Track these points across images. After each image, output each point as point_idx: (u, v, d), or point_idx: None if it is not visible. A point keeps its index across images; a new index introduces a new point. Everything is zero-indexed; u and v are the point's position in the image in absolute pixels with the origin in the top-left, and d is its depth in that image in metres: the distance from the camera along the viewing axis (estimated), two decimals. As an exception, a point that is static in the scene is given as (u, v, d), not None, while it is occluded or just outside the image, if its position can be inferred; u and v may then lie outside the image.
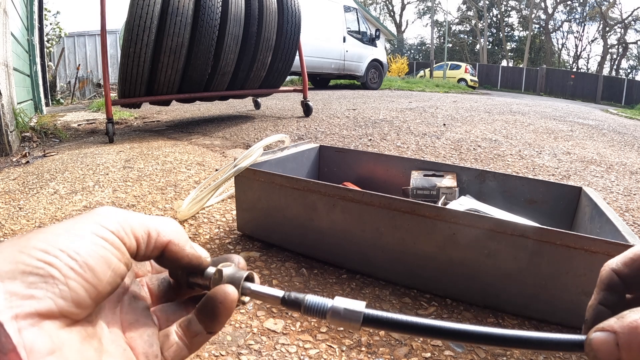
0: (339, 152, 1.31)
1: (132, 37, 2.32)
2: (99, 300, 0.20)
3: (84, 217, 0.21)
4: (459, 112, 3.71)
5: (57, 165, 1.84)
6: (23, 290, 0.17)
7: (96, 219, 0.21)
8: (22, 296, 0.17)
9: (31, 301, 0.17)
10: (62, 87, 7.55)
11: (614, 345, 0.20)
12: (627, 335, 0.20)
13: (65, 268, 0.18)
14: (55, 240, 0.19)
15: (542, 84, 19.97)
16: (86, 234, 0.20)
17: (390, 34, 18.96)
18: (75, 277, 0.18)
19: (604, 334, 0.21)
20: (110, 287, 0.20)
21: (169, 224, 0.24)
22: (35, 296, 0.17)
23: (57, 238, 0.19)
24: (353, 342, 0.68)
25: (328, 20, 7.70)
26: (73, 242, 0.19)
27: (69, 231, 0.20)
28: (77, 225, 0.20)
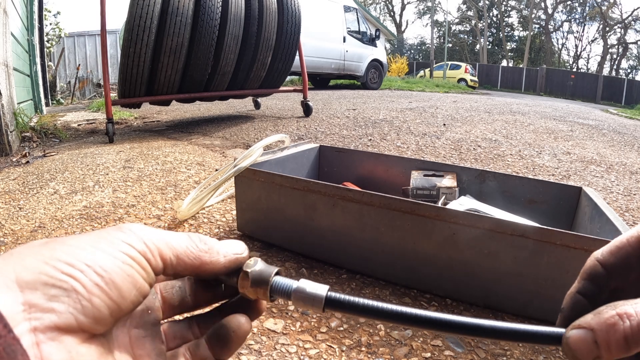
0: (339, 152, 1.31)
1: (132, 37, 2.32)
2: (118, 318, 0.19)
3: (111, 232, 0.20)
4: (459, 112, 3.72)
5: (57, 165, 1.84)
6: (44, 303, 0.16)
7: (123, 236, 0.20)
8: (43, 309, 0.16)
9: (51, 315, 0.16)
10: (62, 87, 7.55)
11: (592, 344, 0.19)
12: (605, 333, 0.19)
13: (90, 284, 0.18)
14: (82, 254, 0.18)
15: (542, 84, 19.97)
16: (113, 251, 0.19)
17: (390, 34, 18.96)
18: (100, 294, 0.18)
19: (581, 332, 0.20)
20: (132, 305, 0.20)
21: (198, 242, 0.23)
22: (55, 310, 0.17)
23: (83, 252, 0.19)
24: (353, 342, 0.68)
25: (328, 20, 7.70)
26: (100, 258, 0.19)
27: (96, 246, 0.19)
28: (103, 241, 0.20)
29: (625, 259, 0.23)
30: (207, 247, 0.23)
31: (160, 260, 0.21)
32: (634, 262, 0.23)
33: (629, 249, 0.23)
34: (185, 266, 0.22)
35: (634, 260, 0.23)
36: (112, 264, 0.19)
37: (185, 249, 0.22)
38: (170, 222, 1.16)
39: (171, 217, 1.20)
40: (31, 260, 0.17)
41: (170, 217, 1.19)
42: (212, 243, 0.24)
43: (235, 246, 0.25)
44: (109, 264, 0.19)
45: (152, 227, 0.22)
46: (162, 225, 1.14)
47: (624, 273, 0.23)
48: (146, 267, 0.20)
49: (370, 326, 0.72)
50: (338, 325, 0.73)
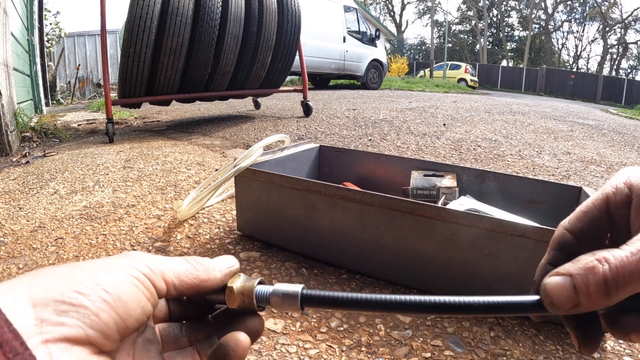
0: (339, 152, 1.31)
1: (132, 37, 2.32)
2: (125, 335, 0.20)
3: (118, 258, 0.23)
4: (459, 112, 3.71)
5: (57, 165, 1.84)
6: (54, 317, 0.18)
7: (130, 261, 0.22)
8: (53, 322, 0.18)
9: (61, 328, 0.18)
10: (62, 87, 7.55)
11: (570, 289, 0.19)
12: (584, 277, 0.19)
13: (98, 300, 0.19)
14: (91, 275, 0.20)
15: (542, 84, 19.97)
16: (120, 273, 0.21)
17: (390, 34, 18.96)
18: (107, 309, 0.19)
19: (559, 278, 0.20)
20: (137, 323, 0.21)
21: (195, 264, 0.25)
22: (65, 323, 0.18)
23: (92, 273, 0.20)
24: (353, 342, 0.68)
25: (328, 20, 7.70)
26: (108, 278, 0.20)
27: (104, 269, 0.21)
28: (112, 265, 0.22)
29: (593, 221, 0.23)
30: (203, 267, 0.25)
31: (164, 282, 0.23)
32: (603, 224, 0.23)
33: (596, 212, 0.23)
34: (187, 286, 0.24)
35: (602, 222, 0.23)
36: (119, 284, 0.20)
37: (184, 270, 0.24)
38: (170, 222, 1.16)
39: (171, 217, 1.20)
40: (43, 280, 0.19)
41: (170, 217, 1.19)
42: (207, 262, 0.26)
43: (227, 261, 0.27)
44: (116, 284, 0.20)
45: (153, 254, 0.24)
46: (162, 225, 1.14)
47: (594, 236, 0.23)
48: (150, 288, 0.22)
49: (370, 326, 0.72)
50: (338, 325, 0.73)
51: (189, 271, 0.24)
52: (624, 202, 0.22)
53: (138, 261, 0.23)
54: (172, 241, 1.04)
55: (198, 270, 0.25)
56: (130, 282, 0.21)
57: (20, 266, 0.92)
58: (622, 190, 0.22)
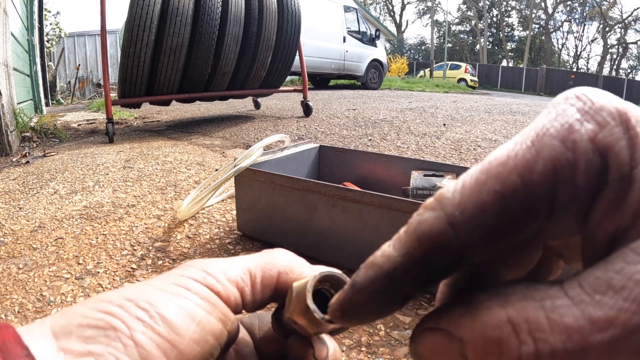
0: (339, 152, 1.31)
1: (132, 37, 2.32)
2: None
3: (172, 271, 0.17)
4: (459, 112, 3.72)
5: (57, 165, 1.84)
6: (79, 347, 0.14)
7: (180, 271, 0.17)
8: (78, 353, 0.14)
9: (89, 358, 0.14)
10: (62, 87, 7.56)
11: None
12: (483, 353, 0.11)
13: (130, 319, 0.15)
14: (124, 291, 0.16)
15: (542, 84, 19.97)
16: (163, 284, 0.16)
17: (390, 34, 18.96)
18: (144, 329, 0.15)
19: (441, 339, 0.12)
20: (198, 347, 0.15)
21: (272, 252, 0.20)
22: (93, 352, 0.14)
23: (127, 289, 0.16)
24: (353, 342, 0.68)
25: (328, 20, 7.70)
26: (145, 291, 0.16)
27: (140, 285, 0.16)
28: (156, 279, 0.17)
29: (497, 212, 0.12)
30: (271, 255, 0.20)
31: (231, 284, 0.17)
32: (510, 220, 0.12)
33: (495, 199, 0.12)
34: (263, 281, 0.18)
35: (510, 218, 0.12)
36: (158, 297, 0.16)
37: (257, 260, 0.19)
38: (170, 222, 1.16)
39: (171, 217, 1.20)
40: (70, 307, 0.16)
41: (170, 217, 1.19)
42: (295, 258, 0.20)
43: None
44: (154, 298, 0.16)
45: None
46: (162, 225, 1.14)
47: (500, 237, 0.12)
48: (208, 297, 0.16)
49: (370, 326, 0.72)
50: (338, 325, 0.73)
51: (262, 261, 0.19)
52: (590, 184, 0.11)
53: (191, 268, 0.17)
54: (172, 241, 1.04)
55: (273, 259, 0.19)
56: (174, 292, 0.16)
57: (20, 266, 0.92)
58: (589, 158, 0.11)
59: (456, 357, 0.12)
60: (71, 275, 0.88)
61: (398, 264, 0.13)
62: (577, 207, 0.12)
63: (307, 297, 0.16)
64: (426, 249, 0.12)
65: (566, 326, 0.10)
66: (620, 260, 0.10)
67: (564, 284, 0.11)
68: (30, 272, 0.90)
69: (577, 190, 0.11)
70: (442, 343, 0.12)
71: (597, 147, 0.11)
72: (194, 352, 0.15)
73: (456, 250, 0.12)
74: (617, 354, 0.10)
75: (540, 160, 0.11)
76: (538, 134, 0.12)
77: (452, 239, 0.12)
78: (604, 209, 0.11)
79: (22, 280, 0.86)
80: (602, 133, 0.11)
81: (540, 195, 0.11)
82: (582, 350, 0.10)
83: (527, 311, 0.11)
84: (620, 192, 0.11)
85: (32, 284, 0.85)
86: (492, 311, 0.11)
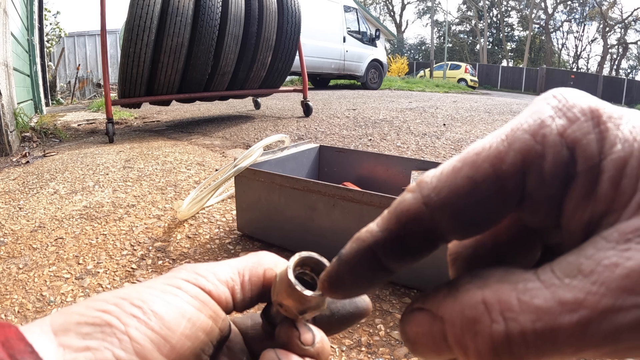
0: (339, 152, 1.31)
1: (132, 37, 2.32)
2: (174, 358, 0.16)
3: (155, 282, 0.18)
4: (459, 112, 3.71)
5: (57, 165, 1.84)
6: (77, 342, 0.15)
7: (172, 273, 0.18)
8: (77, 348, 0.15)
9: (86, 353, 0.15)
10: (62, 87, 7.56)
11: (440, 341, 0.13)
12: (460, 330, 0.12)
13: (125, 316, 0.16)
14: (119, 292, 0.17)
15: (542, 84, 19.96)
16: (156, 283, 0.18)
17: (390, 34, 18.97)
18: (138, 325, 0.16)
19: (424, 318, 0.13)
20: (190, 342, 0.16)
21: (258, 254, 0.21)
22: (90, 347, 0.15)
23: (122, 290, 0.17)
24: (353, 342, 0.68)
25: (328, 20, 7.70)
26: (138, 290, 0.17)
27: (134, 286, 0.17)
28: (150, 281, 0.18)
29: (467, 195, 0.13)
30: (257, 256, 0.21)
31: (221, 284, 0.18)
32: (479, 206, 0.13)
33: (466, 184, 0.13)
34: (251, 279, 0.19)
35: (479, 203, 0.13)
36: (151, 296, 0.17)
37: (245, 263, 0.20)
38: (170, 222, 1.16)
39: (171, 217, 1.20)
40: (68, 307, 0.17)
41: (170, 217, 1.19)
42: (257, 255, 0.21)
43: None
44: (147, 296, 0.17)
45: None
46: (162, 225, 1.14)
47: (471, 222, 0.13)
48: (197, 295, 0.17)
49: (370, 326, 0.72)
50: (338, 325, 0.73)
51: (249, 262, 0.20)
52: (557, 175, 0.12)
53: (181, 270, 0.18)
54: (172, 241, 1.04)
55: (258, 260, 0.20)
56: (166, 291, 0.17)
57: (20, 266, 0.92)
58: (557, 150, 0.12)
59: (438, 336, 0.12)
60: (71, 275, 0.89)
61: (379, 238, 0.14)
62: (547, 195, 0.12)
63: (288, 273, 0.18)
64: (403, 225, 0.13)
65: (536, 307, 0.11)
66: (591, 247, 0.11)
67: (537, 269, 0.12)
68: (30, 272, 0.90)
69: (545, 179, 0.12)
70: (426, 323, 0.13)
71: (566, 141, 0.12)
72: (185, 347, 0.16)
73: (429, 227, 0.13)
74: (587, 338, 0.10)
75: (511, 152, 0.12)
76: (513, 128, 0.13)
77: (425, 216, 0.13)
78: (576, 199, 0.12)
79: (22, 280, 0.87)
80: (571, 128, 0.12)
81: (509, 182, 0.12)
82: (551, 331, 0.10)
83: (500, 292, 0.11)
84: (590, 182, 0.12)
85: (32, 284, 0.85)
86: (469, 292, 0.12)
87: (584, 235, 0.12)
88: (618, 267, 0.10)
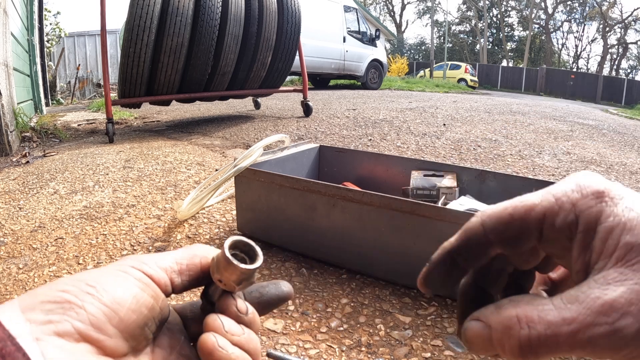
0: (339, 152, 1.31)
1: (132, 37, 2.32)
2: (125, 331, 0.20)
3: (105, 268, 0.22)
4: (459, 112, 3.71)
5: (57, 165, 1.84)
6: (42, 317, 0.18)
7: (121, 261, 0.22)
8: (41, 322, 0.18)
9: (50, 325, 0.18)
10: (62, 87, 7.56)
11: (487, 341, 0.18)
12: (500, 334, 0.18)
13: (81, 294, 0.19)
14: (77, 275, 0.21)
15: (542, 84, 19.97)
16: (107, 269, 0.21)
17: (390, 34, 18.97)
18: (92, 300, 0.19)
19: (478, 326, 0.19)
20: (135, 315, 0.20)
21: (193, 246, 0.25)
22: (53, 321, 0.18)
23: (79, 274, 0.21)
24: (353, 342, 0.68)
25: (328, 20, 7.70)
26: (93, 274, 0.21)
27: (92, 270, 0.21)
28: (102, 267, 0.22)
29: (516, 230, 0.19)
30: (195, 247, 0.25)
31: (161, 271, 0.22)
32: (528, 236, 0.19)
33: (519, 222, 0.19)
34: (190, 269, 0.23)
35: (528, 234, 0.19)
36: (104, 277, 0.20)
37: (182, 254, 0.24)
38: (170, 222, 1.16)
39: (171, 217, 1.20)
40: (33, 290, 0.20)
41: (170, 217, 1.19)
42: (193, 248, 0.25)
43: None
44: (101, 277, 0.20)
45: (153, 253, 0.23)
46: (162, 225, 1.14)
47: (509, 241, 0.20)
48: (141, 278, 0.21)
49: (370, 326, 0.72)
50: (338, 325, 0.73)
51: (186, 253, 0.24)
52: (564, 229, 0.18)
53: (128, 259, 0.22)
54: (172, 241, 1.04)
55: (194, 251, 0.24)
56: (116, 274, 0.21)
57: (20, 266, 0.92)
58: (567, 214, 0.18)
59: (487, 338, 0.18)
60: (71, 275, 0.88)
61: (454, 245, 0.21)
62: (557, 239, 0.19)
63: (225, 251, 0.22)
64: (468, 237, 0.21)
65: (548, 321, 0.17)
66: (586, 285, 0.17)
67: (553, 297, 0.17)
68: (30, 272, 0.90)
69: (555, 229, 0.19)
70: (479, 329, 0.19)
71: (574, 209, 0.18)
72: (132, 320, 0.20)
73: (484, 239, 0.20)
74: (576, 341, 0.16)
75: (539, 206, 0.19)
76: (549, 191, 0.19)
77: (481, 232, 0.20)
78: (578, 249, 0.18)
79: (22, 280, 0.87)
80: (581, 201, 0.19)
81: (532, 224, 0.19)
82: (556, 336, 0.16)
83: (527, 311, 0.17)
84: (587, 239, 0.18)
85: (32, 284, 0.85)
86: (508, 310, 0.18)
87: (584, 272, 0.18)
88: (599, 299, 0.16)
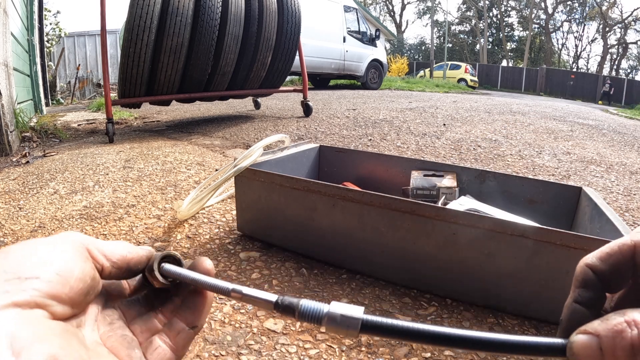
0: (339, 152, 1.31)
1: (132, 37, 2.32)
2: (74, 298, 0.22)
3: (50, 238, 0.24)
4: (459, 112, 3.71)
5: (57, 165, 1.84)
6: None
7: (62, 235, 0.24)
8: None
9: (6, 295, 0.19)
10: (62, 87, 7.56)
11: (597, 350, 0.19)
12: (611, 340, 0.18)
13: (33, 266, 0.21)
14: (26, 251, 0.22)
15: (542, 84, 19.97)
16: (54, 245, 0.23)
17: (390, 34, 18.97)
18: (45, 270, 0.21)
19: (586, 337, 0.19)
20: (82, 284, 0.22)
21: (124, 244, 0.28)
22: (9, 291, 0.19)
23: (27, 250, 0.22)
24: (353, 342, 0.68)
25: (328, 20, 7.70)
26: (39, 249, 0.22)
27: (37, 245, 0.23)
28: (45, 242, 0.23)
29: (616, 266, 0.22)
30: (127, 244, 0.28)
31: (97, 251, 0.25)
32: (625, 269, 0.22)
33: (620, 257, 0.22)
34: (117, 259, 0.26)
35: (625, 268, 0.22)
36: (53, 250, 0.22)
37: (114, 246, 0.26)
38: (170, 222, 1.16)
39: (171, 217, 1.20)
40: None
41: (170, 217, 1.19)
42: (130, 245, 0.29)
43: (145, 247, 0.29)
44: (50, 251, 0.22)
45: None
46: (162, 225, 1.14)
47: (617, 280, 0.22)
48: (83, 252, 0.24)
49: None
50: (338, 325, 0.72)
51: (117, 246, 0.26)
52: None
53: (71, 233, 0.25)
54: (172, 241, 1.04)
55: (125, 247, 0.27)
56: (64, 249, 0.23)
57: (20, 266, 0.92)
58: None
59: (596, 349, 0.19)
60: (71, 275, 0.88)
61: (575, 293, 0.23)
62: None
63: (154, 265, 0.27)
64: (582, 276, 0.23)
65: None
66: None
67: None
68: (30, 272, 0.90)
69: None
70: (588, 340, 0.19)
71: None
72: (79, 287, 0.22)
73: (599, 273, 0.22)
74: None
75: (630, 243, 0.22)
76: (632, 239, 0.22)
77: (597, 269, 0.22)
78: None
79: (22, 280, 0.86)
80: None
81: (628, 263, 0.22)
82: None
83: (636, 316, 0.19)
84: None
85: (32, 284, 0.85)
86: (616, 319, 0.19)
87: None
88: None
